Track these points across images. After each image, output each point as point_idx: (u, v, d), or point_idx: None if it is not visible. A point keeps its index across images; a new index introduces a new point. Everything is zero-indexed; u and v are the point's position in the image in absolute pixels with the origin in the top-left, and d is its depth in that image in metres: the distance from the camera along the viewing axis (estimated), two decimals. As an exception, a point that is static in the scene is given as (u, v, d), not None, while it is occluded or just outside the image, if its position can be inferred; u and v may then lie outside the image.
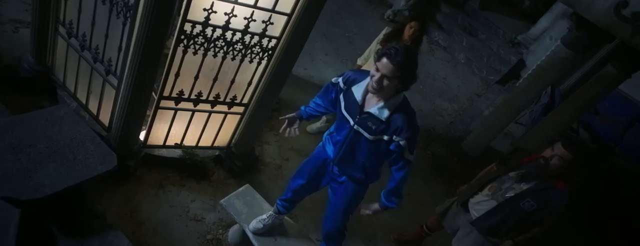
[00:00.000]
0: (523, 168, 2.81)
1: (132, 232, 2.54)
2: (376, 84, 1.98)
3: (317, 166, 2.48)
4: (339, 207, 2.50)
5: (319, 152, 2.48)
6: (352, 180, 2.39)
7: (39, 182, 1.65)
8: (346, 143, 2.24)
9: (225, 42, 2.65)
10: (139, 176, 2.97)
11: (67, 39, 2.88)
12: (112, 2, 2.50)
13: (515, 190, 2.78)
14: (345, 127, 2.22)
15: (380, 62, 1.99)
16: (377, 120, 2.09)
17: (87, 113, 3.06)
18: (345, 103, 2.21)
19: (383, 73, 1.97)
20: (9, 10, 3.60)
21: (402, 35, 3.52)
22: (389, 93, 2.07)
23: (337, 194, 2.46)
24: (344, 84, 2.23)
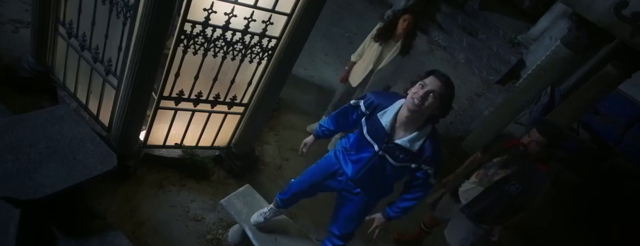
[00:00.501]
0: (506, 154, 2.87)
1: (132, 232, 2.54)
2: (420, 100, 1.95)
3: (325, 175, 2.42)
4: (353, 215, 2.48)
5: (331, 163, 2.40)
6: (367, 194, 2.38)
7: (39, 182, 1.65)
8: (368, 166, 2.20)
9: (225, 42, 2.65)
10: (139, 176, 2.97)
11: (67, 39, 2.88)
12: (112, 2, 2.50)
13: (500, 175, 2.86)
14: (368, 150, 2.18)
15: (427, 79, 1.99)
16: (406, 151, 2.07)
17: (87, 113, 3.06)
18: (368, 127, 2.17)
19: (430, 89, 1.95)
20: (9, 10, 3.60)
21: (395, 29, 3.52)
22: (422, 120, 2.05)
23: (353, 203, 2.42)
24: (366, 108, 2.19)
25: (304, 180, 2.53)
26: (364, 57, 3.73)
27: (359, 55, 3.78)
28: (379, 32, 3.57)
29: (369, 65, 3.66)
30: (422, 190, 2.22)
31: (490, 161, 2.97)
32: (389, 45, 3.59)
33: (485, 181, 2.95)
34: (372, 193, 2.37)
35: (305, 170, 2.56)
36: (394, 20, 3.53)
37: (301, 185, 2.54)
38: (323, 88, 4.88)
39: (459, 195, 3.09)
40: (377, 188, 2.33)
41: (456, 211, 3.13)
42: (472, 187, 3.01)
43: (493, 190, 2.88)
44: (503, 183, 2.84)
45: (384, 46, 3.59)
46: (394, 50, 3.58)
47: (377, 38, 3.58)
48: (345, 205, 2.46)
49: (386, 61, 3.61)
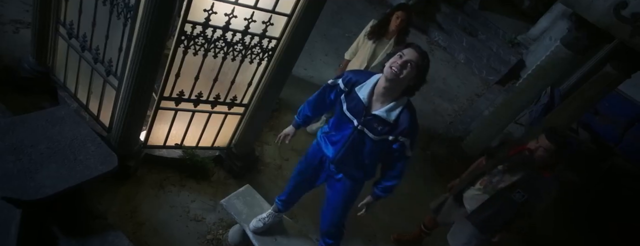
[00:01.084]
0: (510, 160, 2.85)
1: (133, 232, 2.54)
2: (398, 68, 2.01)
3: (314, 165, 2.49)
4: (337, 204, 2.52)
5: (314, 151, 2.48)
6: (349, 178, 2.41)
7: (40, 183, 1.65)
8: (348, 142, 2.25)
9: (225, 43, 2.65)
10: (140, 176, 2.98)
11: (67, 39, 2.88)
12: (112, 3, 2.50)
13: (505, 182, 2.84)
14: (348, 127, 2.23)
15: (405, 50, 2.06)
16: (384, 122, 2.12)
17: (88, 114, 3.07)
18: (347, 104, 2.22)
19: (408, 59, 2.02)
20: (10, 10, 3.60)
21: (388, 26, 3.54)
22: (398, 91, 2.11)
23: (335, 191, 2.48)
24: (345, 85, 2.24)
25: (298, 174, 2.59)
26: (358, 54, 3.75)
27: (353, 53, 3.80)
28: (372, 30, 3.59)
29: (364, 62, 3.69)
30: (401, 164, 2.26)
31: (495, 168, 2.95)
32: (382, 42, 3.62)
33: (490, 188, 2.93)
34: (353, 176, 2.40)
35: (297, 164, 2.62)
36: (387, 17, 3.55)
37: (296, 179, 2.59)
38: (323, 88, 4.89)
39: (464, 200, 3.07)
40: (357, 168, 2.36)
41: (459, 217, 3.12)
42: (477, 194, 2.99)
43: (498, 197, 2.86)
44: (508, 190, 2.81)
45: (378, 43, 3.62)
46: (387, 47, 3.61)
47: (370, 36, 3.61)
48: (329, 198, 2.52)
49: (380, 58, 3.64)
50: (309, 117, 2.55)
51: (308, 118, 2.55)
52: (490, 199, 2.90)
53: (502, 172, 2.92)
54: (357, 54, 3.77)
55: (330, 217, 2.57)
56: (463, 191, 3.09)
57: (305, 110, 2.53)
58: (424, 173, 4.66)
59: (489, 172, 2.99)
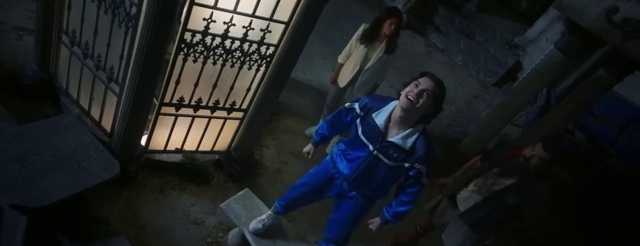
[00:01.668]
0: (506, 164, 2.91)
1: (134, 236, 2.60)
2: (414, 97, 2.05)
3: (324, 180, 2.49)
4: (348, 219, 2.54)
5: (327, 167, 2.49)
6: (362, 196, 2.45)
7: (45, 190, 1.71)
8: (363, 166, 2.28)
9: (224, 50, 2.71)
10: (141, 181, 3.04)
11: (70, 47, 2.94)
12: (114, 12, 2.56)
13: (499, 186, 2.91)
14: (363, 150, 2.25)
15: (420, 79, 2.11)
16: (400, 149, 2.15)
17: (90, 120, 3.13)
18: (363, 128, 2.25)
19: (424, 88, 2.06)
20: (12, 17, 3.66)
21: (379, 30, 3.63)
22: (414, 119, 2.14)
23: (347, 207, 2.50)
24: (361, 110, 2.28)
25: (303, 186, 2.60)
26: (351, 58, 3.83)
27: (346, 56, 3.89)
28: (364, 34, 3.68)
29: (356, 65, 3.77)
30: (415, 191, 2.28)
31: (490, 170, 3.01)
32: (374, 45, 3.71)
33: (484, 190, 2.99)
34: (367, 195, 2.43)
35: (304, 176, 2.63)
36: (378, 22, 3.63)
37: (300, 191, 2.60)
38: (321, 91, 4.94)
39: (457, 201, 3.13)
40: (372, 190, 2.39)
41: (454, 217, 3.18)
42: (470, 195, 3.05)
43: (492, 200, 2.92)
44: (502, 193, 2.87)
45: (370, 47, 3.70)
46: (379, 50, 3.70)
47: (362, 40, 3.69)
48: (340, 209, 2.53)
49: (373, 61, 3.73)
50: (327, 136, 2.61)
51: (325, 136, 2.61)
52: (484, 200, 2.97)
53: (497, 174, 2.99)
54: (350, 57, 3.85)
55: (339, 230, 2.58)
56: (457, 193, 3.15)
57: (323, 129, 2.59)
58: None
59: (483, 174, 3.05)
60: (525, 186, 2.85)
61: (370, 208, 2.54)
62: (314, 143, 2.65)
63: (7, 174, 1.72)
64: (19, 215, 1.71)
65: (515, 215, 2.93)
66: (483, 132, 5.13)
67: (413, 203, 2.34)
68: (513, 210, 2.89)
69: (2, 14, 3.62)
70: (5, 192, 1.67)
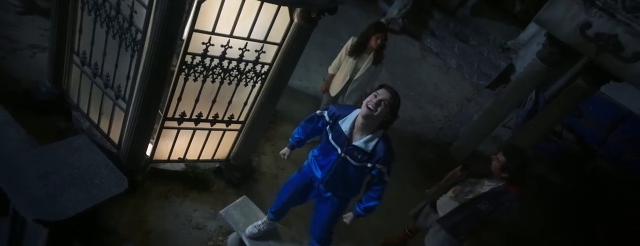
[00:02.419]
0: (481, 175, 3.16)
1: (141, 241, 2.86)
2: (373, 106, 2.34)
3: (304, 183, 2.80)
4: (326, 219, 2.84)
5: (305, 172, 2.80)
6: (336, 196, 2.74)
7: (63, 205, 1.95)
8: (334, 167, 2.58)
9: (222, 70, 2.95)
10: (146, 188, 3.29)
11: (80, 66, 3.19)
12: (121, 37, 2.80)
13: (474, 193, 3.16)
14: (333, 153, 2.56)
15: (379, 90, 2.41)
16: (363, 151, 2.45)
17: (99, 132, 3.38)
18: (332, 134, 2.55)
19: (381, 98, 2.35)
20: (26, 36, 3.90)
21: (367, 43, 3.91)
22: (375, 125, 2.42)
23: (324, 208, 2.80)
24: (330, 118, 2.57)
25: (286, 192, 2.91)
26: (341, 69, 4.09)
27: (336, 67, 4.15)
28: (353, 48, 3.95)
29: (346, 76, 4.04)
30: (380, 188, 2.59)
31: (467, 179, 3.26)
32: (363, 57, 4.00)
33: (460, 197, 3.24)
34: (341, 195, 2.73)
35: (286, 183, 2.94)
36: (366, 35, 3.90)
37: (285, 197, 2.91)
38: (317, 98, 5.14)
39: (437, 207, 3.39)
40: (345, 188, 2.70)
41: (434, 221, 3.42)
42: (448, 201, 3.30)
43: (467, 206, 3.16)
44: (476, 201, 3.12)
45: (358, 59, 3.98)
46: (367, 61, 3.98)
47: (351, 53, 3.96)
48: (319, 211, 2.83)
49: (361, 71, 4.01)
50: (302, 140, 2.87)
51: (301, 140, 2.88)
52: (459, 207, 3.21)
53: (473, 184, 3.22)
54: (340, 68, 4.10)
55: (320, 230, 2.89)
56: (437, 199, 3.40)
57: (298, 134, 2.86)
58: (413, 178, 4.92)
59: (461, 182, 3.30)
60: (497, 195, 3.08)
61: (345, 208, 2.83)
62: (290, 146, 2.93)
63: (31, 191, 1.97)
64: (41, 227, 1.95)
65: (489, 221, 3.17)
66: (472, 136, 5.35)
67: (379, 198, 2.63)
68: (486, 216, 3.12)
69: (17, 32, 3.87)
70: (30, 208, 1.92)
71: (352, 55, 3.96)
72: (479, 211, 3.11)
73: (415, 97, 6.41)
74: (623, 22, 3.68)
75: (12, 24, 3.93)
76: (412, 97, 6.35)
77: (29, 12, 4.08)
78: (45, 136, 3.18)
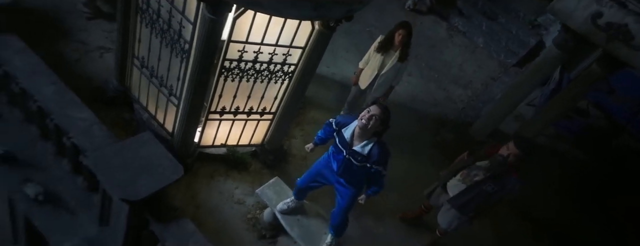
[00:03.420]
0: (487, 160, 3.54)
1: (193, 213, 3.52)
2: (366, 120, 2.86)
3: (323, 168, 3.36)
4: (343, 206, 3.40)
5: (326, 161, 3.33)
6: (351, 186, 3.28)
7: (139, 188, 2.55)
8: (343, 164, 3.14)
9: (255, 71, 3.47)
10: (195, 170, 3.94)
11: (140, 68, 3.81)
12: (172, 47, 3.36)
13: (480, 176, 3.56)
14: (341, 154, 3.10)
15: (371, 107, 2.92)
16: (360, 155, 2.98)
17: (156, 122, 4.03)
18: (338, 139, 3.10)
19: (372, 114, 2.87)
20: (94, 38, 4.56)
21: (393, 40, 4.23)
22: (370, 134, 2.93)
23: (342, 196, 3.36)
24: (336, 126, 3.11)
25: (308, 175, 3.48)
26: (370, 64, 4.47)
27: (366, 62, 4.53)
28: (380, 45, 4.30)
29: (374, 71, 4.42)
30: (379, 181, 3.16)
31: (474, 164, 3.65)
32: (389, 54, 4.33)
33: (467, 180, 3.64)
34: (354, 183, 3.27)
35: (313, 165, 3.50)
36: (392, 33, 4.22)
37: (306, 178, 3.47)
38: (344, 84, 5.56)
39: (448, 188, 3.82)
40: (355, 179, 3.24)
41: (445, 201, 3.87)
42: (457, 184, 3.73)
43: (474, 188, 3.57)
44: (482, 183, 3.53)
45: (385, 55, 4.32)
46: (393, 58, 4.31)
47: (378, 50, 4.32)
48: (340, 198, 3.37)
49: (388, 67, 4.36)
50: (323, 139, 3.40)
51: (323, 139, 3.42)
52: (467, 188, 3.63)
53: (479, 168, 3.62)
54: (369, 63, 4.49)
55: (338, 216, 3.46)
56: (447, 181, 3.83)
57: (320, 135, 3.40)
58: (432, 158, 5.25)
59: (468, 167, 3.70)
60: (501, 177, 3.49)
61: (358, 196, 3.36)
62: (314, 143, 3.48)
63: (115, 177, 2.60)
64: (123, 204, 2.60)
65: (492, 201, 3.59)
66: (494, 114, 5.54)
67: (381, 187, 3.22)
68: (491, 197, 3.54)
69: (86, 35, 4.53)
70: (116, 190, 2.55)
71: (379, 51, 4.33)
72: (485, 192, 3.53)
73: (439, 78, 6.66)
74: (634, 11, 3.83)
75: (83, 29, 4.60)
76: (436, 79, 6.61)
77: (95, 17, 4.74)
78: (114, 125, 3.87)
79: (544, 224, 5.23)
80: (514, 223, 5.09)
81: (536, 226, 5.16)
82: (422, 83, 6.37)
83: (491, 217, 4.76)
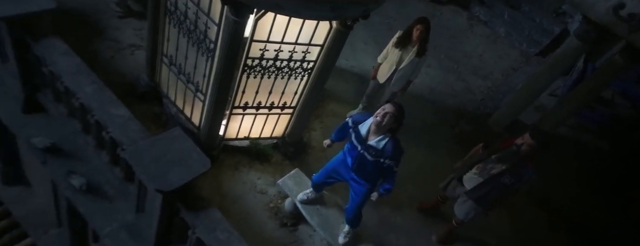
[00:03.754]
0: (502, 152, 3.63)
1: (219, 202, 3.77)
2: (381, 117, 3.02)
3: (338, 165, 3.53)
4: (357, 202, 3.56)
5: (341, 159, 3.50)
6: (365, 180, 3.43)
7: (171, 180, 2.77)
8: (358, 160, 3.30)
9: (275, 68, 3.65)
10: (220, 161, 4.18)
11: (168, 66, 4.05)
12: (198, 46, 3.57)
13: (496, 169, 3.66)
14: (356, 149, 3.25)
15: (386, 105, 3.08)
16: (375, 149, 3.13)
17: (183, 116, 4.28)
18: (354, 135, 3.25)
19: (387, 111, 3.03)
20: (126, 36, 4.83)
21: (411, 36, 4.30)
22: (384, 130, 3.07)
23: (355, 193, 3.52)
24: (352, 124, 3.26)
25: (324, 170, 3.65)
26: (388, 59, 4.57)
27: (384, 57, 4.63)
28: (398, 41, 4.39)
29: (392, 66, 4.52)
30: (391, 178, 3.30)
31: (489, 157, 3.74)
32: (407, 49, 4.42)
33: (484, 173, 3.74)
34: (367, 179, 3.41)
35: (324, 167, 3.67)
36: (410, 29, 4.30)
37: (323, 174, 3.65)
38: (363, 77, 5.65)
39: (464, 181, 3.92)
40: (368, 175, 3.38)
41: (461, 193, 3.98)
42: (473, 177, 3.83)
43: (491, 180, 3.67)
44: (499, 176, 3.62)
45: (403, 51, 4.41)
46: (411, 53, 4.40)
47: (397, 45, 4.41)
48: (353, 194, 3.54)
49: (406, 62, 4.46)
50: (340, 137, 3.57)
51: (339, 137, 3.60)
52: (484, 181, 3.72)
53: (495, 161, 3.72)
54: (387, 58, 4.59)
55: (351, 211, 3.63)
56: (463, 174, 3.94)
57: (336, 132, 3.58)
58: (449, 150, 5.30)
59: (484, 160, 3.80)
60: (517, 169, 3.59)
61: (371, 192, 3.50)
62: (331, 140, 3.65)
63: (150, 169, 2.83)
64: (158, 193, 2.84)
65: (511, 192, 3.70)
66: (514, 105, 5.53)
67: (393, 183, 3.34)
68: (508, 189, 3.65)
69: (119, 34, 4.81)
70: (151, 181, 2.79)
71: (397, 46, 4.42)
72: (502, 184, 3.63)
73: (458, 69, 6.68)
74: (656, 3, 3.80)
75: (115, 27, 4.88)
76: (455, 70, 6.63)
77: (126, 15, 5.01)
78: (145, 118, 4.14)
79: (561, 215, 5.25)
80: (530, 213, 5.16)
81: (553, 217, 5.20)
82: (440, 75, 6.41)
83: (508, 208, 4.87)
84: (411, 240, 4.45)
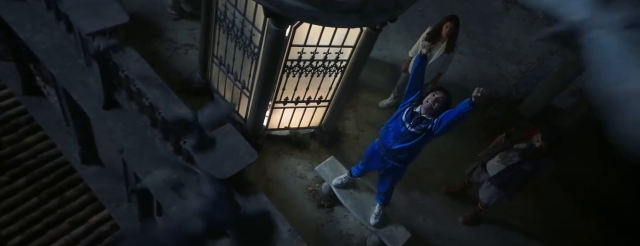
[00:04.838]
0: (523, 143, 3.93)
1: (264, 185, 4.32)
2: (432, 102, 3.33)
3: (372, 155, 3.89)
4: (391, 181, 3.95)
5: (374, 147, 3.84)
6: (399, 163, 3.76)
7: (226, 169, 3.32)
8: (401, 137, 3.52)
9: (312, 68, 4.07)
10: (264, 149, 4.71)
11: (218, 65, 4.56)
12: (245, 50, 4.03)
13: (517, 158, 3.96)
14: (403, 127, 3.47)
15: (437, 91, 3.40)
16: (426, 120, 3.38)
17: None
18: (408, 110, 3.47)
19: (437, 97, 3.35)
20: (180, 36, 5.38)
21: (441, 32, 4.55)
22: (432, 114, 3.38)
23: (390, 174, 3.87)
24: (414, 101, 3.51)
25: (363, 162, 4.05)
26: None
27: (415, 51, 4.90)
28: (428, 36, 4.63)
29: None
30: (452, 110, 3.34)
31: (511, 146, 4.05)
32: (437, 45, 4.66)
33: (506, 160, 4.06)
34: (402, 159, 3.69)
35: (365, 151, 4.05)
36: (439, 25, 4.55)
37: (362, 163, 4.06)
38: (395, 66, 5.84)
39: (487, 168, 4.25)
40: (408, 154, 3.64)
41: (485, 179, 4.31)
42: (496, 164, 4.15)
43: (513, 168, 3.98)
44: (520, 163, 3.93)
45: (433, 46, 4.66)
46: (440, 49, 4.65)
47: (428, 40, 4.65)
48: (385, 177, 3.93)
49: (435, 57, 4.71)
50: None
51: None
52: (506, 168, 4.04)
53: (516, 150, 4.02)
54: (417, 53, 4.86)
55: (386, 189, 4.00)
56: (487, 162, 4.26)
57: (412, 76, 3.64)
58: (477, 136, 5.48)
59: (506, 149, 4.11)
60: (537, 158, 3.88)
61: (404, 173, 3.85)
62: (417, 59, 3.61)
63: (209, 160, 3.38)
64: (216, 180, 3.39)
65: (528, 179, 4.02)
66: (547, 90, 5.63)
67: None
68: (529, 175, 3.97)
69: (174, 34, 5.37)
70: (210, 169, 3.33)
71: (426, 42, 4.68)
72: (523, 171, 3.95)
73: (491, 54, 6.75)
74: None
75: (171, 28, 5.44)
76: (488, 55, 6.72)
77: (180, 17, 5.55)
78: (198, 113, 4.70)
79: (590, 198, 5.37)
80: (555, 195, 5.37)
81: (580, 199, 5.33)
82: (473, 61, 6.53)
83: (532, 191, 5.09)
84: (438, 221, 4.81)
